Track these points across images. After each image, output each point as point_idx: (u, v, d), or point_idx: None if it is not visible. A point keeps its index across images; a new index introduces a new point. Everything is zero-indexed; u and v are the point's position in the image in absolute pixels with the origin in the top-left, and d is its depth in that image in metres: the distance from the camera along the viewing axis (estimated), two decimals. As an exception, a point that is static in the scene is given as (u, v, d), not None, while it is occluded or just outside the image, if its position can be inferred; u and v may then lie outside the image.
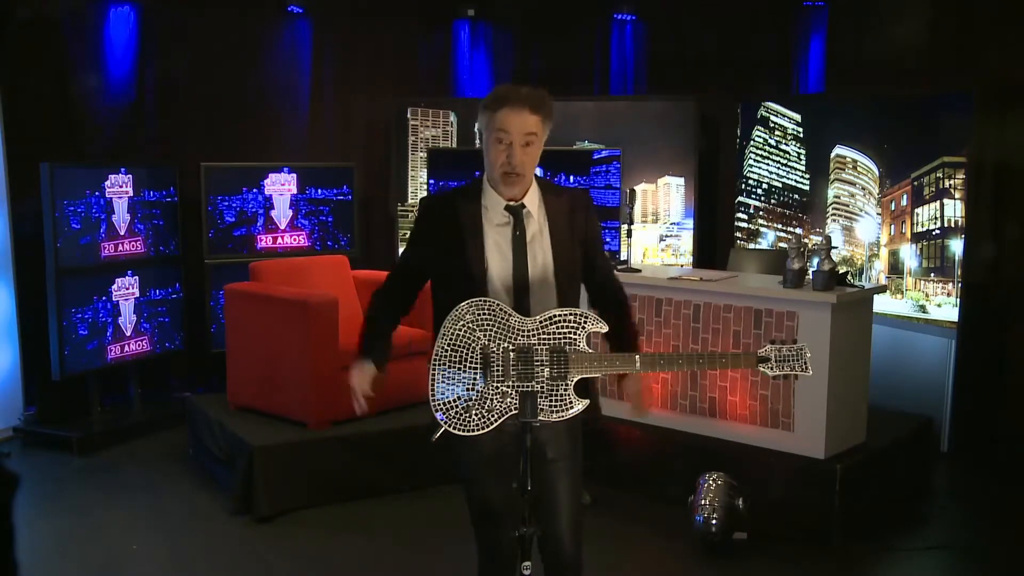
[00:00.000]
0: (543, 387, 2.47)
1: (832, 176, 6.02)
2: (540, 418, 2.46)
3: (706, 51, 6.77)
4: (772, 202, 6.36)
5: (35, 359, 5.61)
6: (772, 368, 2.56)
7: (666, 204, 6.55)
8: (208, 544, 4.29)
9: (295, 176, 6.37)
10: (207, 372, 6.26)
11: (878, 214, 5.76)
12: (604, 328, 2.52)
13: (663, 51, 7.03)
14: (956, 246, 5.25)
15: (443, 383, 2.48)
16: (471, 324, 2.48)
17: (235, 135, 6.50)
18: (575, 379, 2.48)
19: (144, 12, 6.11)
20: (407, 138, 6.73)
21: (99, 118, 6.06)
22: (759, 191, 6.43)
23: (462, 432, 2.47)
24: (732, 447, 4.47)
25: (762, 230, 6.43)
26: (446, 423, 2.48)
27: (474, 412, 2.47)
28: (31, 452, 5.43)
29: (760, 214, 6.44)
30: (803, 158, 6.18)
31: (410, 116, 6.72)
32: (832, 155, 6.00)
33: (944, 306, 5.32)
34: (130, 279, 5.80)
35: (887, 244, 5.72)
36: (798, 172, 6.21)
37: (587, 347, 2.49)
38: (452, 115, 6.78)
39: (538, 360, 2.46)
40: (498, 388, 2.47)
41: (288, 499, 4.57)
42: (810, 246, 5.59)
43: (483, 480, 2.65)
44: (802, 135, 6.18)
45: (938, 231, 5.36)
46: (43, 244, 5.35)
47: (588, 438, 2.76)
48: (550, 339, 2.48)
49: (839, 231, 5.98)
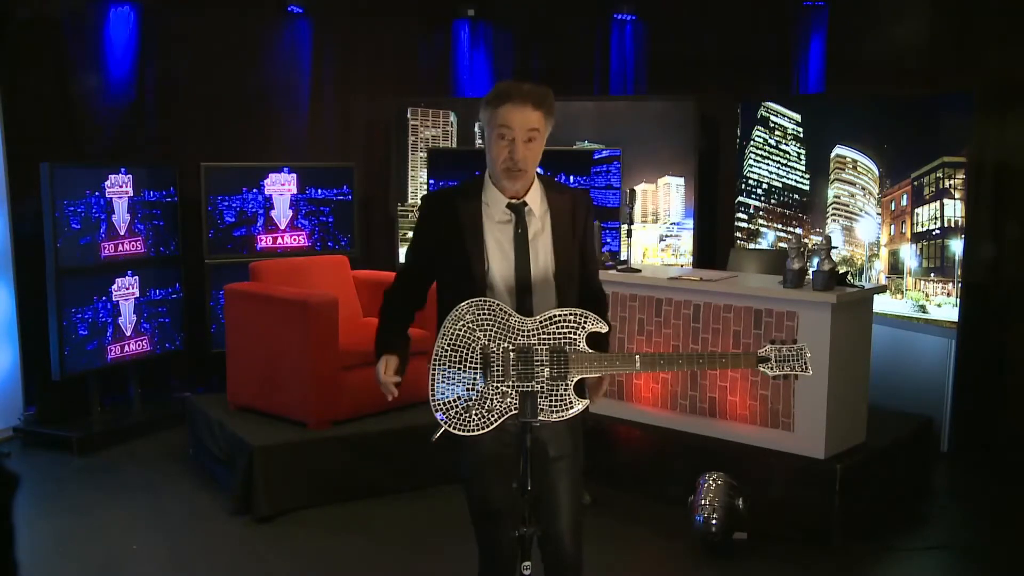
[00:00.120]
0: (543, 387, 2.47)
1: (832, 176, 6.02)
2: (540, 418, 2.45)
3: (706, 51, 6.77)
4: (772, 202, 6.36)
5: (35, 359, 5.61)
6: (772, 368, 2.55)
7: (666, 204, 6.55)
8: (208, 544, 4.29)
9: (295, 176, 6.37)
10: (207, 372, 6.27)
11: (878, 214, 5.76)
12: (604, 328, 2.51)
13: (663, 51, 7.03)
14: (956, 246, 5.25)
15: (443, 383, 2.48)
16: (471, 324, 2.47)
17: (235, 135, 6.51)
18: (575, 379, 2.48)
19: (144, 12, 6.12)
20: (407, 138, 6.73)
21: (99, 118, 6.06)
22: (759, 191, 6.43)
23: (462, 432, 2.47)
24: (732, 447, 4.47)
25: (762, 230, 6.43)
26: (446, 423, 2.48)
27: (474, 412, 2.47)
28: (31, 452, 5.43)
29: (760, 214, 6.44)
30: (803, 158, 6.18)
31: (410, 116, 6.72)
32: (832, 155, 6.00)
33: (944, 306, 5.32)
34: (130, 279, 5.80)
35: (887, 244, 5.72)
36: (798, 172, 6.21)
37: (587, 347, 2.49)
38: (452, 115, 6.78)
39: (538, 360, 2.46)
40: (498, 388, 2.47)
41: (288, 499, 4.57)
42: (810, 246, 5.58)
43: (483, 480, 2.65)
44: (802, 135, 6.18)
45: (938, 231, 5.36)
46: (43, 244, 5.35)
47: (588, 438, 2.75)
48: (550, 339, 2.47)
49: (839, 231, 5.98)
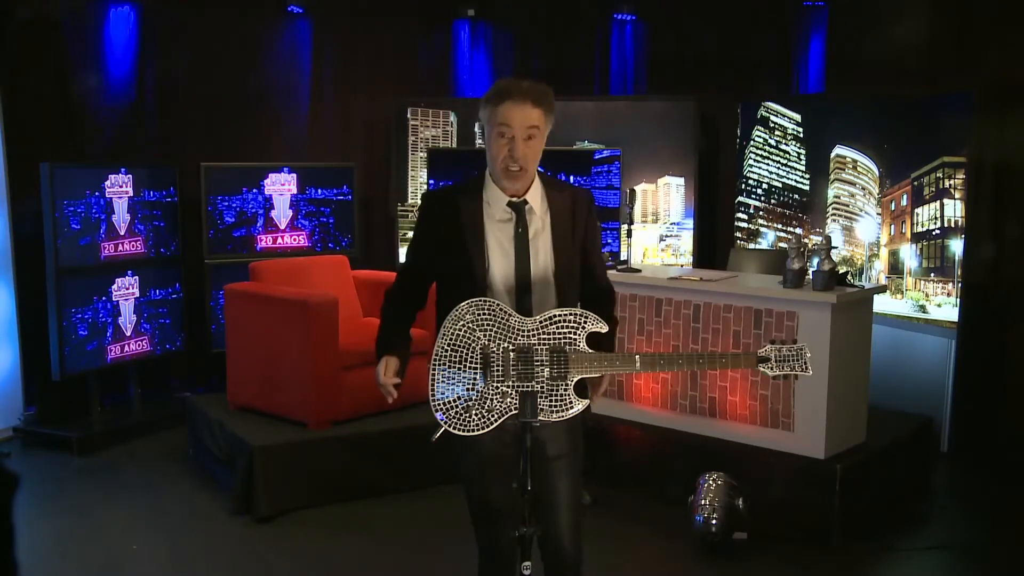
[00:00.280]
0: (543, 387, 2.47)
1: (832, 176, 6.02)
2: (540, 418, 2.45)
3: (706, 51, 6.77)
4: (772, 202, 6.36)
5: (35, 359, 5.61)
6: (772, 368, 2.55)
7: (666, 204, 6.55)
8: (208, 544, 4.29)
9: (295, 176, 6.37)
10: (207, 372, 6.27)
11: (878, 214, 5.76)
12: (604, 328, 2.50)
13: (663, 51, 7.03)
14: (956, 246, 5.25)
15: (443, 383, 2.48)
16: (471, 324, 2.47)
17: (235, 135, 6.50)
18: (575, 379, 2.48)
19: (144, 12, 6.11)
20: (407, 138, 6.73)
21: (99, 118, 6.06)
22: (759, 191, 6.42)
23: (462, 432, 2.47)
24: (732, 447, 4.47)
25: (762, 230, 6.43)
26: (446, 423, 2.48)
27: (474, 412, 2.47)
28: (31, 452, 5.43)
29: (760, 214, 6.43)
30: (803, 158, 6.18)
31: (410, 116, 6.72)
32: (832, 155, 6.00)
33: (944, 306, 5.32)
34: (130, 279, 5.80)
35: (887, 244, 5.71)
36: (798, 172, 6.21)
37: (587, 347, 2.49)
38: (452, 115, 6.78)
39: (538, 360, 2.46)
40: (498, 388, 2.47)
41: (288, 499, 4.56)
42: (810, 246, 5.58)
43: (483, 480, 2.65)
44: (802, 135, 6.18)
45: (938, 231, 5.36)
46: (43, 244, 5.35)
47: (588, 438, 2.75)
48: (550, 339, 2.47)
49: (839, 231, 5.98)
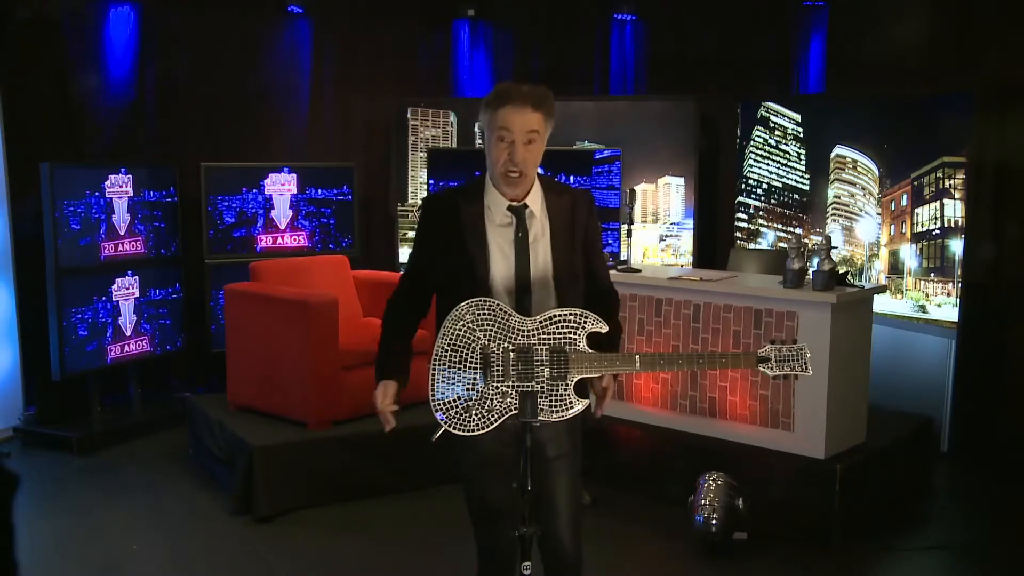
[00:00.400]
0: (543, 387, 2.46)
1: (832, 176, 6.02)
2: (540, 418, 2.45)
3: (706, 51, 6.77)
4: (772, 202, 6.36)
5: (35, 359, 5.61)
6: (772, 368, 2.55)
7: (666, 204, 6.55)
8: (208, 544, 4.29)
9: (295, 176, 6.37)
10: (207, 372, 6.27)
11: (878, 214, 5.76)
12: (604, 328, 2.50)
13: (663, 51, 7.03)
14: (956, 246, 5.25)
15: (443, 383, 2.48)
16: (471, 324, 2.47)
17: (235, 135, 6.51)
18: (575, 379, 2.48)
19: (144, 12, 6.12)
20: (407, 138, 6.73)
21: (99, 118, 6.06)
22: (759, 191, 6.42)
23: (462, 432, 2.47)
24: (732, 447, 4.47)
25: (762, 230, 6.43)
26: (446, 423, 2.48)
27: (474, 412, 2.47)
28: (31, 452, 5.43)
29: (760, 214, 6.43)
30: (803, 158, 6.18)
31: (410, 116, 6.72)
32: (832, 155, 6.00)
33: (944, 306, 5.32)
34: (130, 279, 5.80)
35: (887, 244, 5.71)
36: (798, 172, 6.21)
37: (587, 347, 2.49)
38: (452, 115, 6.78)
39: (538, 360, 2.46)
40: (498, 388, 2.46)
41: (288, 499, 4.56)
42: (810, 246, 5.58)
43: (483, 480, 2.65)
44: (802, 135, 6.18)
45: (938, 231, 5.36)
46: (43, 244, 5.35)
47: (588, 438, 2.75)
48: (550, 339, 2.47)
49: (839, 231, 5.98)
